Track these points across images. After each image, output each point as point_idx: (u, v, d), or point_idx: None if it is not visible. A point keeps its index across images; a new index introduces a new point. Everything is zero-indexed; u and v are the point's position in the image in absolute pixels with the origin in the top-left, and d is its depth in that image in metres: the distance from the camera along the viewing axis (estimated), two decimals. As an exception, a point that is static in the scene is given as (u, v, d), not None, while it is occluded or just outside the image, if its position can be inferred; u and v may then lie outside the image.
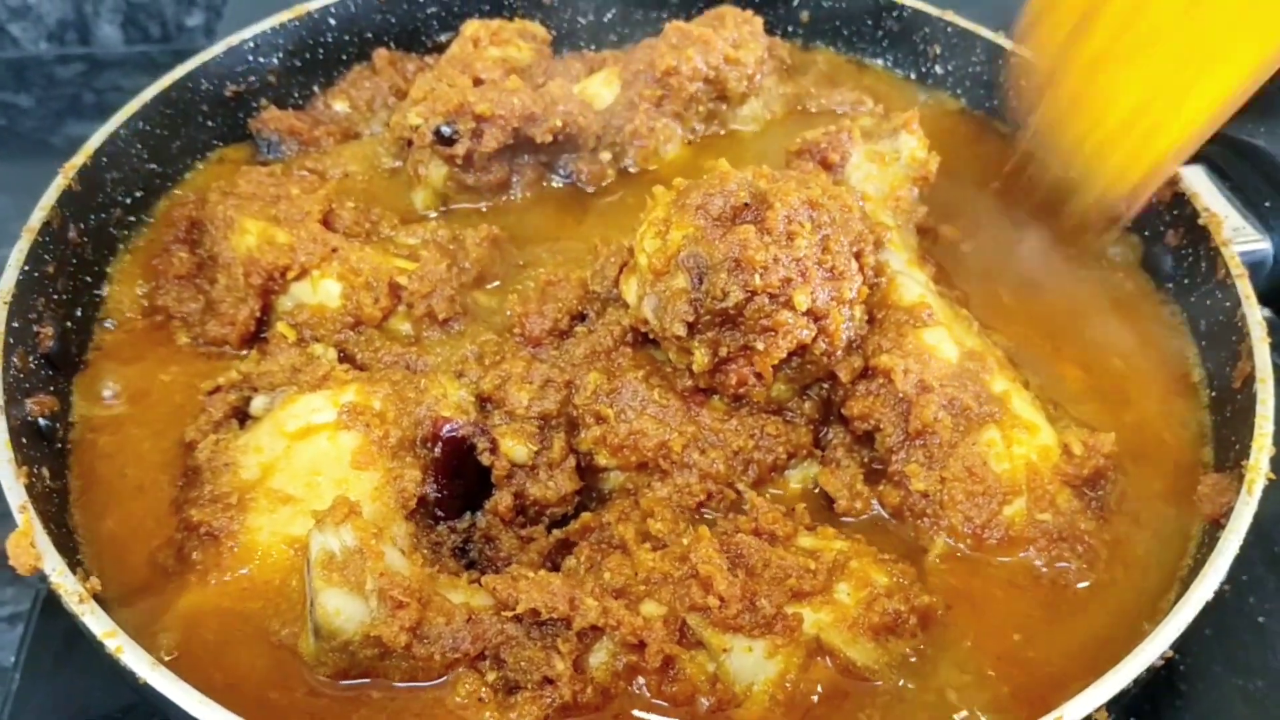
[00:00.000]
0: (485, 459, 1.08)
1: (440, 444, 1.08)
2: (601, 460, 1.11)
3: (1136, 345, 1.29)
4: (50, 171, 1.32)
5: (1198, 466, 1.17)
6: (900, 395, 1.11)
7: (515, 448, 1.09)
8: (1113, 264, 1.38)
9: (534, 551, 1.06)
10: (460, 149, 1.34)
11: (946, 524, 1.08)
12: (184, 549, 1.01)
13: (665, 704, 0.97)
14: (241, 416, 1.14)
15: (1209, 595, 0.97)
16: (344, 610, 0.92)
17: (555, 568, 1.06)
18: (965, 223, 1.40)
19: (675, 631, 0.96)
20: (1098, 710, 0.89)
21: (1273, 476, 1.04)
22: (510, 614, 0.95)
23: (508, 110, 1.34)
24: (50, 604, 1.21)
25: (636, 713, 0.97)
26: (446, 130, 1.33)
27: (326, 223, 1.26)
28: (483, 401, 1.11)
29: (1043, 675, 1.00)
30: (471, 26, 1.42)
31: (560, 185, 1.43)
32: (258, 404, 1.14)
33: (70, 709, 1.19)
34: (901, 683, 0.99)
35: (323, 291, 1.21)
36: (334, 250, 1.22)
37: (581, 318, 1.19)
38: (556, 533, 1.08)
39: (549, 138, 1.36)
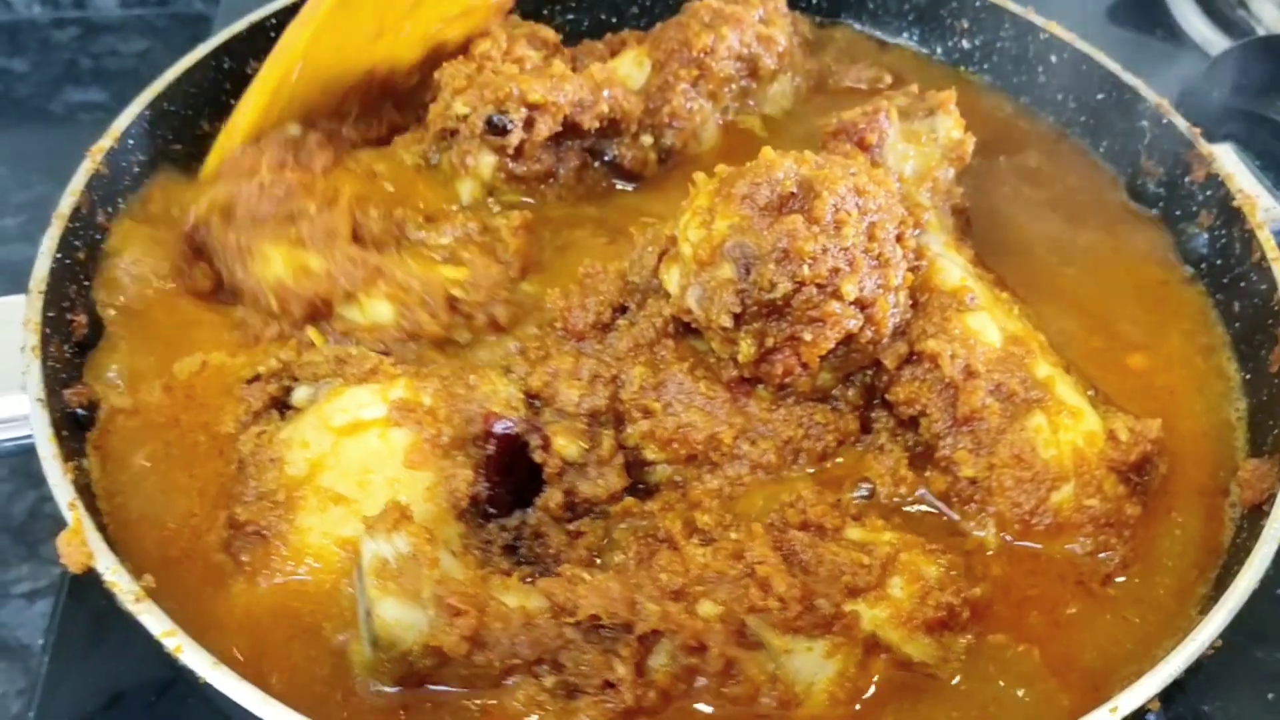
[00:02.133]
0: (538, 456, 1.08)
1: (493, 441, 1.06)
2: (649, 454, 1.12)
3: (1165, 330, 1.30)
4: (48, 140, 1.30)
5: (1233, 452, 1.18)
6: (946, 380, 1.12)
7: (568, 446, 1.08)
8: (1140, 249, 1.38)
9: (582, 547, 1.06)
10: (514, 139, 1.31)
11: (994, 510, 1.10)
12: (231, 548, 1.00)
13: (726, 704, 0.97)
14: (280, 406, 1.12)
15: (1255, 583, 0.98)
16: (403, 620, 0.91)
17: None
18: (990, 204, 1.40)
19: (735, 633, 0.96)
20: (1150, 701, 0.90)
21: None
22: (571, 620, 0.94)
23: (561, 97, 1.30)
24: (77, 584, 1.20)
25: (698, 708, 0.97)
26: (499, 120, 1.29)
27: (355, 236, 1.22)
28: (531, 398, 1.10)
29: (1089, 664, 1.02)
30: (482, 45, 1.37)
31: (603, 171, 1.41)
32: (300, 395, 1.11)
33: (102, 690, 1.19)
34: (956, 680, 1.00)
35: (373, 312, 1.18)
36: (378, 270, 1.18)
37: (623, 310, 1.19)
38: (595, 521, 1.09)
39: (596, 124, 1.34)
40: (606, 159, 1.41)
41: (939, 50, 1.64)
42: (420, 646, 0.92)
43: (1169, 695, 1.10)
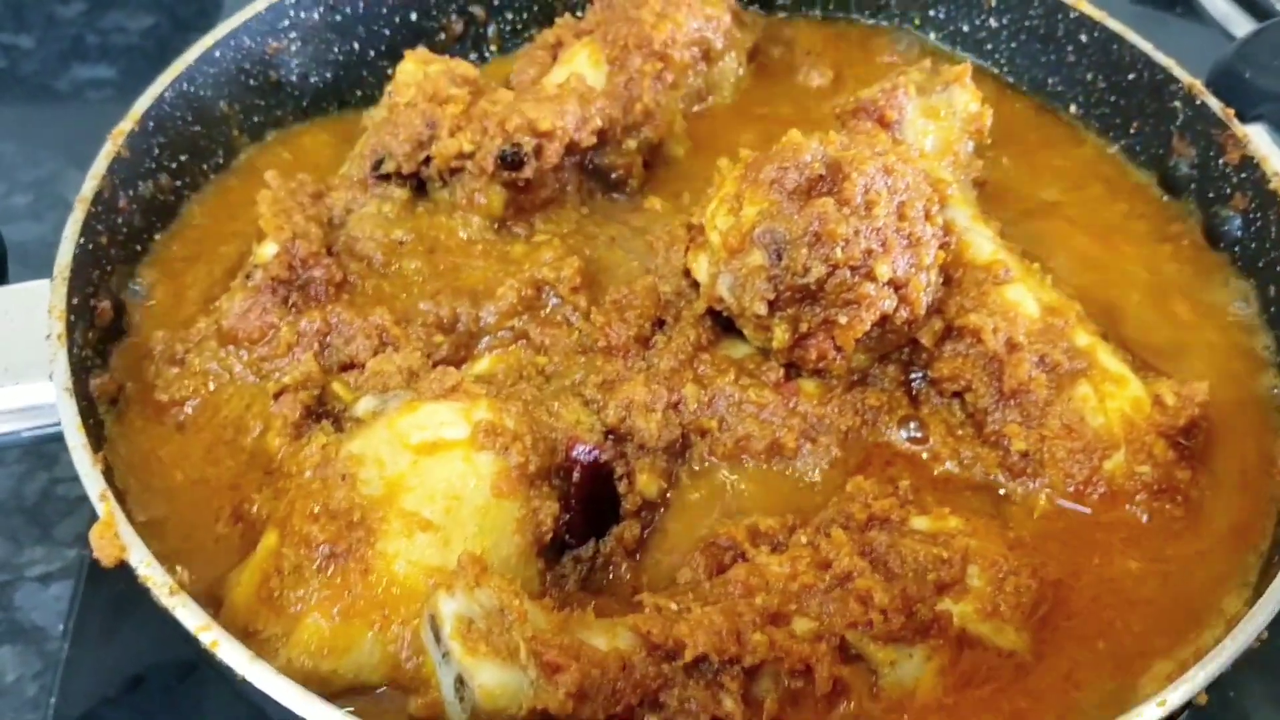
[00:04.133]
0: (622, 487, 1.06)
1: (579, 469, 1.04)
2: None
3: (1199, 313, 1.29)
4: (56, 117, 1.29)
5: (1272, 432, 1.17)
6: (991, 354, 1.11)
7: (650, 484, 1.07)
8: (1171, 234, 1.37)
9: (654, 572, 1.05)
10: (529, 170, 1.24)
11: (1048, 482, 1.09)
12: (300, 569, 0.95)
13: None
14: (316, 415, 1.09)
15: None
16: (507, 685, 0.86)
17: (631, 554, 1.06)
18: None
19: (837, 649, 0.94)
20: (1198, 694, 0.89)
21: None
22: (676, 661, 0.91)
23: (568, 120, 1.25)
24: (96, 567, 1.21)
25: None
26: (511, 153, 1.23)
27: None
28: (608, 433, 1.08)
29: (1143, 644, 1.02)
30: (406, 94, 1.30)
31: (596, 185, 1.36)
32: (366, 405, 1.07)
33: (122, 673, 1.20)
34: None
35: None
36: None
37: (660, 323, 1.17)
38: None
39: (593, 139, 1.28)
40: (597, 171, 1.35)
41: (966, 28, 1.61)
42: (526, 712, 0.86)
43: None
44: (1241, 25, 1.88)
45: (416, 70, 1.32)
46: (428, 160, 1.25)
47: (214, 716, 1.18)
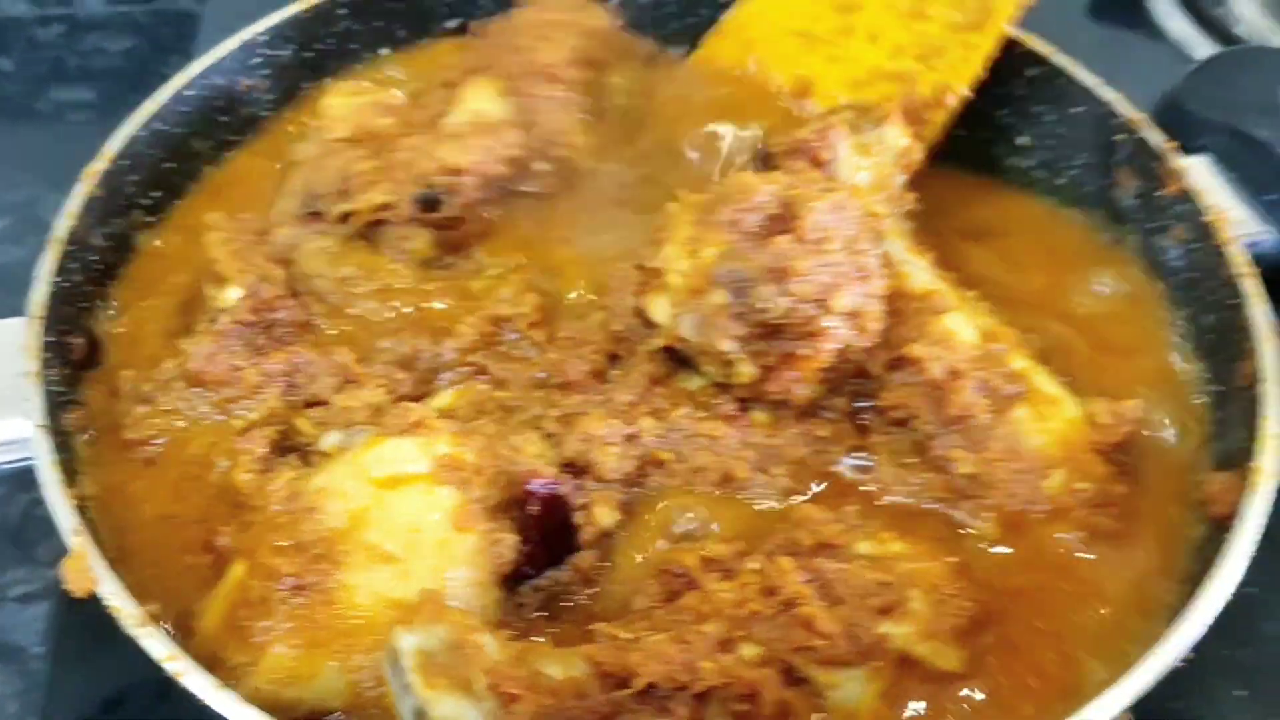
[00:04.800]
0: (579, 518, 1.10)
1: (537, 501, 1.08)
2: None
3: (1135, 339, 1.34)
4: (36, 139, 1.32)
5: (1198, 467, 1.21)
6: (933, 383, 1.15)
7: (606, 515, 1.10)
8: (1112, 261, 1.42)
9: (608, 599, 1.09)
10: (448, 209, 1.29)
11: (993, 503, 1.14)
12: (266, 600, 0.99)
13: None
14: (283, 450, 1.13)
15: (1228, 596, 1.01)
16: (462, 716, 0.89)
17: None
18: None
19: (783, 674, 0.98)
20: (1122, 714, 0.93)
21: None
22: (627, 690, 0.94)
23: (479, 155, 1.29)
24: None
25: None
26: (426, 196, 1.27)
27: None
28: (566, 466, 1.11)
29: (1080, 663, 1.06)
30: (334, 130, 1.34)
31: (518, 208, 1.39)
32: (331, 440, 1.11)
33: (103, 692, 1.23)
34: (967, 691, 1.04)
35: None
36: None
37: (614, 357, 1.21)
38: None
39: (505, 169, 1.33)
40: (518, 195, 1.38)
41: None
42: None
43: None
44: (1203, 47, 1.93)
45: (343, 103, 1.36)
46: (347, 216, 1.29)
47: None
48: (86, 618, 1.20)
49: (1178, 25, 1.99)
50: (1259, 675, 1.29)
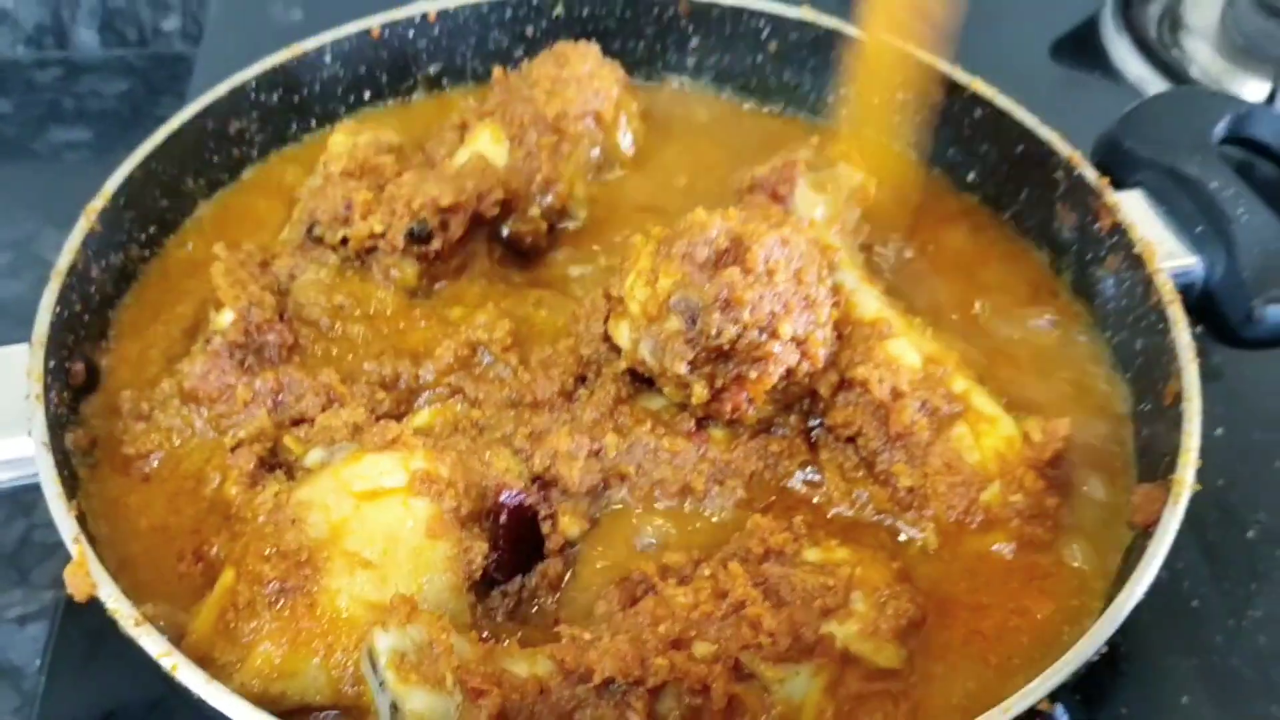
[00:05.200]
0: (546, 528, 1.18)
1: (506, 512, 1.15)
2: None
3: (1066, 364, 1.43)
4: (34, 178, 1.37)
5: (1128, 479, 1.30)
6: (877, 402, 1.24)
7: (571, 526, 1.19)
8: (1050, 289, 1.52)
9: (572, 605, 1.17)
10: (437, 244, 1.38)
11: (932, 513, 1.22)
12: (253, 603, 1.05)
13: None
14: (270, 466, 1.20)
15: (1139, 596, 1.09)
16: (433, 710, 0.96)
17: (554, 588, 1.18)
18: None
19: (731, 669, 1.05)
20: (1041, 701, 1.01)
21: (1199, 486, 1.18)
22: (587, 685, 1.01)
23: (466, 195, 1.38)
24: (70, 608, 1.27)
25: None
26: (419, 229, 1.36)
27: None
28: (535, 480, 1.19)
29: (1013, 661, 1.14)
30: (338, 164, 1.43)
31: (505, 252, 1.49)
32: (314, 457, 1.18)
33: (95, 708, 1.28)
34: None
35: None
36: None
37: (582, 379, 1.29)
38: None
39: (495, 210, 1.42)
40: (505, 238, 1.48)
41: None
42: None
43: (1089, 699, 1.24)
44: (1157, 87, 2.01)
45: (347, 140, 1.46)
46: (345, 241, 1.38)
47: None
48: (79, 638, 1.30)
49: (1135, 67, 2.07)
50: (1204, 683, 1.37)
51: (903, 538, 1.24)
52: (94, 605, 1.05)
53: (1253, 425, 1.61)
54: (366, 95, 1.70)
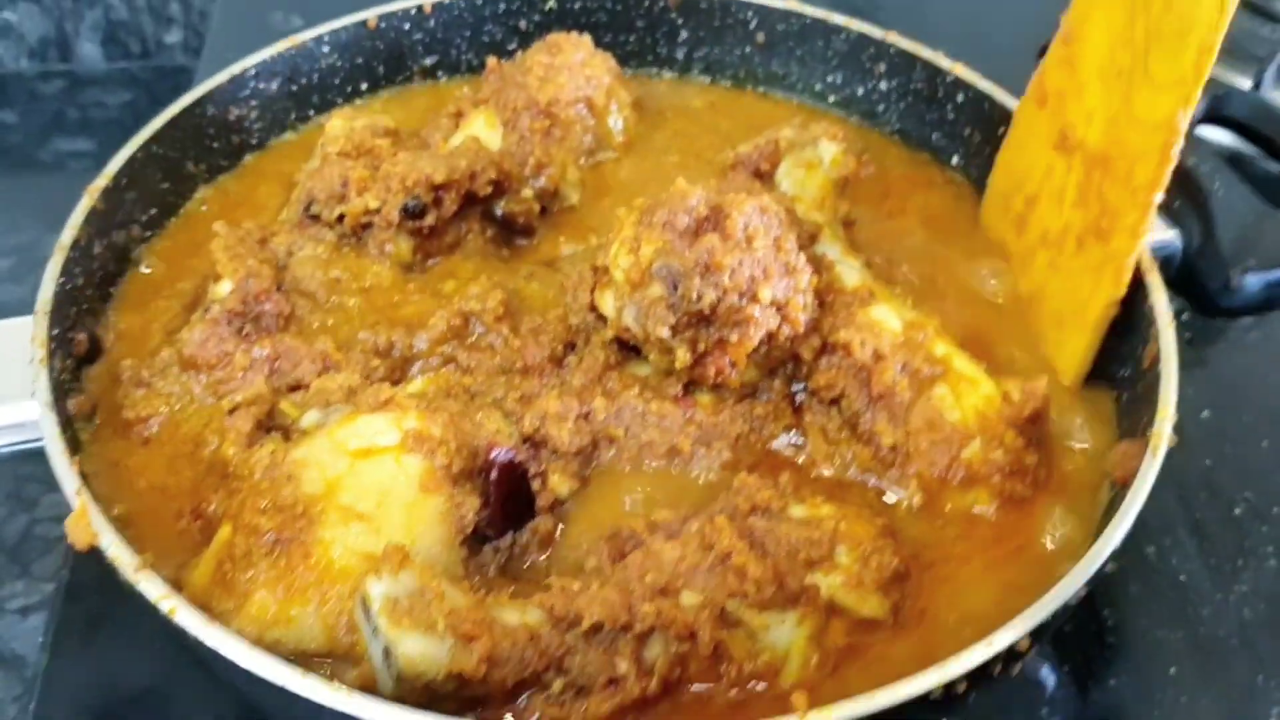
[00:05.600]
0: (536, 486, 1.21)
1: (496, 468, 1.18)
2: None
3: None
4: (38, 186, 1.40)
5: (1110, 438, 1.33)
6: (859, 365, 1.27)
7: (561, 485, 1.22)
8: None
9: (562, 562, 1.19)
10: (430, 219, 1.42)
11: (915, 471, 1.25)
12: (250, 554, 1.08)
13: (719, 681, 1.09)
14: (266, 429, 1.23)
15: (1118, 542, 1.11)
16: (425, 653, 0.99)
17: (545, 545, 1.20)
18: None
19: (717, 617, 1.08)
20: (1022, 639, 1.03)
21: (1175, 439, 1.20)
22: (578, 630, 1.04)
23: (459, 173, 1.42)
24: (71, 595, 1.33)
25: (695, 689, 1.09)
26: (413, 205, 1.40)
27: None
28: (526, 440, 1.22)
29: (994, 612, 1.14)
30: (335, 145, 1.47)
31: (497, 230, 1.53)
32: (310, 418, 1.20)
33: (93, 693, 1.31)
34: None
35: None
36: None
37: (571, 346, 1.33)
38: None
39: (488, 189, 1.46)
40: (498, 218, 1.52)
41: (860, 91, 1.80)
42: (444, 675, 1.00)
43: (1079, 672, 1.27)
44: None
45: (344, 124, 1.51)
46: (341, 219, 1.42)
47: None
48: (79, 627, 1.33)
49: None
50: (1190, 655, 1.39)
51: (889, 498, 1.26)
52: (93, 591, 1.09)
53: (1240, 408, 1.64)
54: (364, 87, 1.75)
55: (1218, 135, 1.69)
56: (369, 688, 1.02)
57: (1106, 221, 1.32)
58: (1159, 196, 1.26)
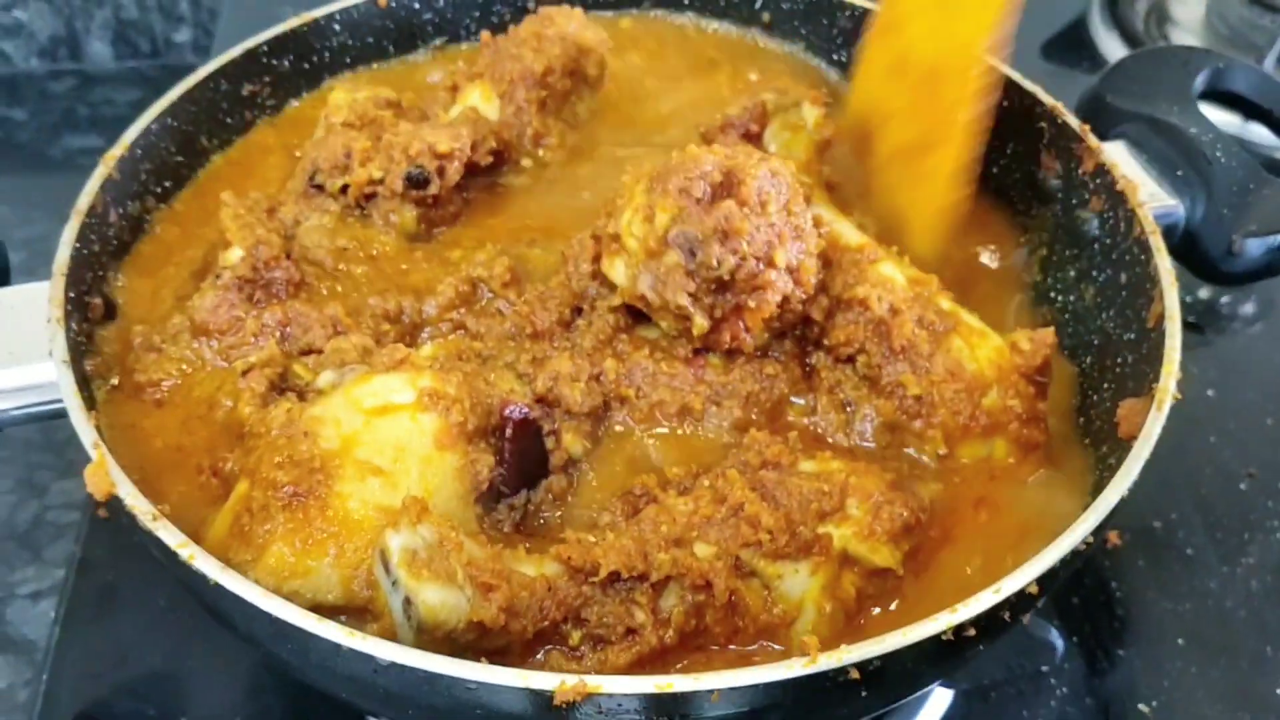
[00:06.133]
0: (550, 444, 1.22)
1: (511, 425, 1.19)
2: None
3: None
4: (48, 182, 1.42)
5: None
6: (878, 319, 1.28)
7: (574, 444, 1.23)
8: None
9: (576, 520, 1.21)
10: (434, 189, 1.43)
11: (939, 420, 1.26)
12: (268, 507, 1.08)
13: (735, 632, 1.11)
14: (280, 390, 1.24)
15: (1124, 491, 1.11)
16: (446, 603, 1.00)
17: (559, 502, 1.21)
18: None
19: (732, 567, 1.09)
20: (1030, 584, 1.03)
21: (1178, 396, 1.21)
22: (594, 580, 1.06)
23: (462, 141, 1.44)
24: (81, 578, 1.36)
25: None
26: (417, 174, 1.41)
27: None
28: (538, 401, 1.23)
29: (1004, 559, 1.17)
30: (339, 115, 1.50)
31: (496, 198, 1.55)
32: (326, 378, 1.21)
33: (105, 670, 1.33)
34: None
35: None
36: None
37: (578, 310, 1.34)
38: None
39: (490, 159, 1.48)
40: (497, 187, 1.54)
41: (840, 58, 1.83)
42: (465, 624, 1.01)
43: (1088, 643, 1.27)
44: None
45: (347, 96, 1.53)
46: (345, 189, 1.44)
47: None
48: (90, 609, 1.36)
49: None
50: (1198, 626, 1.41)
51: (931, 442, 1.27)
52: (105, 568, 1.07)
53: (1243, 386, 1.66)
54: (374, 66, 1.77)
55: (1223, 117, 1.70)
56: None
57: (933, 135, 1.43)
58: (968, 115, 1.39)
